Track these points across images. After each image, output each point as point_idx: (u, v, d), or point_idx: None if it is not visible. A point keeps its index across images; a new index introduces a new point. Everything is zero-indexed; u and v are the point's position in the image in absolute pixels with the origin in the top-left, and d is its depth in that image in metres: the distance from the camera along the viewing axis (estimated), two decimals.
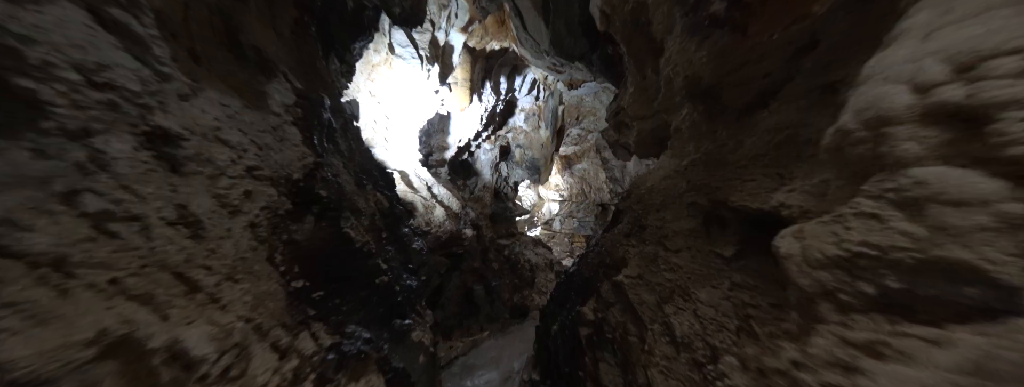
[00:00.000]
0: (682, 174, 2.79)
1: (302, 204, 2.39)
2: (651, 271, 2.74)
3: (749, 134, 2.12)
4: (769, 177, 1.88)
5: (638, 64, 3.72)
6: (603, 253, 3.59)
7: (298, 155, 2.29)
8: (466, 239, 7.73)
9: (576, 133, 15.63)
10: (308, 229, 2.43)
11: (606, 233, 4.33)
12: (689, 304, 2.26)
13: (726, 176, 2.21)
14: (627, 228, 3.26)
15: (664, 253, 2.66)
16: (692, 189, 2.53)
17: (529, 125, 12.44)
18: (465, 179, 11.97)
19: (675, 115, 3.08)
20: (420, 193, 8.23)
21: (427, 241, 6.95)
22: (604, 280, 3.23)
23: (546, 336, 4.17)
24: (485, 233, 9.98)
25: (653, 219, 2.88)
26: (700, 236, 2.39)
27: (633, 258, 2.97)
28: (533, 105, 11.86)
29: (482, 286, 7.16)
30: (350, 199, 3.03)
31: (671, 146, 3.19)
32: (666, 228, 2.70)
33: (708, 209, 2.32)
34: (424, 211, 8.00)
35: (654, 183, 3.16)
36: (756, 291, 1.82)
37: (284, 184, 2.21)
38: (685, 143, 2.98)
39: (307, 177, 2.37)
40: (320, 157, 2.53)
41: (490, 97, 9.93)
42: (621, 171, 16.97)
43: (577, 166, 18.12)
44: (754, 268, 1.90)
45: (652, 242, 2.82)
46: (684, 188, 2.64)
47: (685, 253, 2.47)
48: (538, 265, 9.04)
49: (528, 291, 7.95)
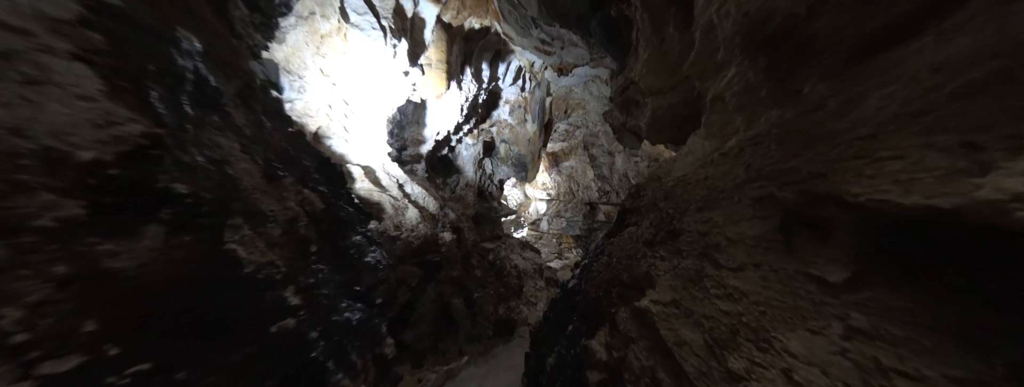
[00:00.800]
0: (734, 158, 1.94)
1: (128, 208, 1.38)
2: (694, 297, 1.87)
3: (878, 84, 1.29)
4: (942, 151, 1.02)
5: (655, 23, 2.88)
6: (615, 266, 2.72)
7: (99, 119, 1.26)
8: (444, 245, 6.73)
9: (564, 128, 14.87)
10: (145, 251, 1.41)
11: (612, 238, 3.46)
12: (770, 356, 1.40)
13: (830, 156, 1.35)
14: (649, 233, 2.40)
15: (714, 271, 1.79)
16: (758, 178, 1.68)
17: (515, 118, 11.54)
18: (445, 177, 10.94)
19: (714, 80, 2.24)
20: (389, 192, 7.16)
21: (395, 249, 5.91)
22: (620, 305, 2.37)
23: (539, 371, 3.27)
24: (467, 236, 9.01)
25: (692, 222, 2.03)
26: (776, 248, 1.54)
27: (663, 276, 2.11)
28: (519, 96, 10.96)
29: (462, 299, 6.18)
30: (247, 199, 2.01)
31: (706, 123, 2.36)
32: (715, 235, 1.84)
33: (793, 207, 1.46)
34: (394, 213, 6.93)
35: (687, 172, 2.31)
36: (910, 349, 0.99)
37: (68, 172, 1.19)
38: (730, 116, 2.14)
39: (129, 160, 1.35)
40: (165, 128, 1.50)
41: (471, 85, 8.94)
42: (609, 169, 16.35)
43: (565, 163, 17.40)
44: (900, 307, 1.06)
45: (693, 254, 1.96)
46: (741, 177, 1.79)
47: (751, 273, 1.61)
48: (526, 271, 8.12)
49: (515, 302, 7.03)
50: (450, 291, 6.35)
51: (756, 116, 1.89)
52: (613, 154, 14.88)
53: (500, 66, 9.87)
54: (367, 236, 3.81)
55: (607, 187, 15.88)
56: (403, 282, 5.68)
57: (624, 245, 2.96)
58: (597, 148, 15.29)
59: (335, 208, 3.11)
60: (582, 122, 12.66)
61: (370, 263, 3.45)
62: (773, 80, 1.83)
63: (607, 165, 15.38)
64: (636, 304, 2.24)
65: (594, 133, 14.71)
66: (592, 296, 2.88)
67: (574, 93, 9.99)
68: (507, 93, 10.80)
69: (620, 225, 3.53)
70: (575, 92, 9.84)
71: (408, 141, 9.71)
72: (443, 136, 9.64)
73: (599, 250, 3.67)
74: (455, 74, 8.16)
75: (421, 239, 6.33)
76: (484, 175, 12.32)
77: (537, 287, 7.49)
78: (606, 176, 15.81)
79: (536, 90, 10.74)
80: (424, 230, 6.94)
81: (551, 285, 7.93)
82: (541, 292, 7.35)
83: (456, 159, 11.37)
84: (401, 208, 7.21)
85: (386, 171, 7.44)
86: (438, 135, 9.62)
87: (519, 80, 10.37)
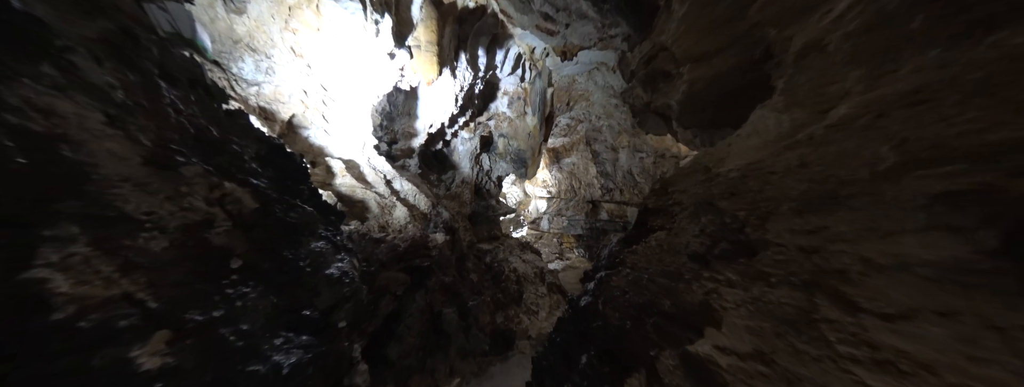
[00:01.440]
0: (861, 132, 1.24)
1: None
2: (799, 353, 1.18)
3: None
4: None
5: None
6: (648, 286, 2.02)
7: None
8: (435, 247, 6.04)
9: (565, 122, 14.13)
10: None
11: (632, 245, 2.76)
12: None
13: None
14: (700, 244, 1.69)
15: (842, 315, 1.10)
16: (933, 161, 0.98)
17: (513, 111, 10.82)
18: (440, 174, 10.24)
19: (807, 20, 1.54)
20: (375, 188, 6.45)
21: (379, 253, 5.21)
22: (663, 345, 1.67)
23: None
24: (462, 237, 8.32)
25: (784, 231, 1.34)
26: (994, 285, 0.85)
27: (734, 311, 1.42)
28: (518, 87, 10.23)
29: (454, 308, 5.49)
30: (100, 196, 1.30)
31: (787, 88, 1.65)
32: (838, 255, 1.14)
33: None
34: (379, 211, 6.23)
35: (759, 158, 1.61)
36: None
37: None
38: (836, 71, 1.44)
39: None
40: None
41: (466, 73, 8.20)
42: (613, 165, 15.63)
43: (566, 160, 16.67)
44: None
45: (790, 282, 1.27)
46: (889, 160, 1.09)
47: (934, 327, 0.92)
48: (526, 275, 7.41)
49: (514, 310, 6.33)
50: (441, 300, 5.66)
51: (897, 64, 1.19)
52: (617, 150, 14.17)
53: (498, 53, 9.12)
54: (334, 241, 3.10)
55: (610, 185, 15.18)
56: (387, 290, 4.99)
57: (655, 257, 2.25)
58: (600, 143, 14.56)
59: (281, 208, 2.40)
60: (585, 115, 11.94)
61: (333, 276, 2.74)
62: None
63: (611, 161, 14.67)
64: (689, 348, 1.54)
65: (597, 127, 13.99)
66: (615, 324, 2.18)
67: (577, 83, 9.25)
68: (505, 84, 10.06)
69: (642, 229, 2.82)
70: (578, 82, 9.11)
71: (399, 134, 8.97)
72: (437, 129, 8.91)
73: (616, 259, 2.97)
74: (448, 59, 7.42)
75: (408, 241, 5.63)
76: (481, 171, 11.62)
77: (539, 294, 6.77)
78: (609, 173, 15.10)
79: (536, 80, 10.00)
80: (413, 231, 6.24)
81: (554, 291, 7.21)
82: (543, 299, 6.63)
83: (451, 154, 10.65)
84: (388, 206, 6.51)
85: (372, 166, 6.72)
86: (431, 128, 8.89)
87: (518, 69, 9.63)
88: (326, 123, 5.97)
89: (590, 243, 15.79)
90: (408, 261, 5.57)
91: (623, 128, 10.60)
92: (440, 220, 7.12)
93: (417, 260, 5.68)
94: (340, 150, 6.28)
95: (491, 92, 10.10)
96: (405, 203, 6.89)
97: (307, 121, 5.76)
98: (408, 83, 6.72)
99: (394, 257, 5.37)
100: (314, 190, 3.21)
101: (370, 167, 6.60)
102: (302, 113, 5.54)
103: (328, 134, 6.04)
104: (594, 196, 15.88)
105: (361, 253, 4.86)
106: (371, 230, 5.49)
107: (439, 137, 9.58)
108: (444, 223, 7.08)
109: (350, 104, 6.09)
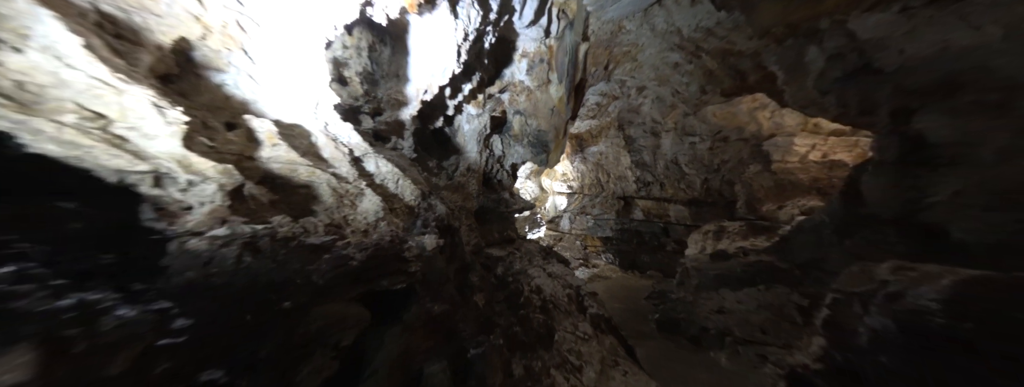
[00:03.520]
0: None
1: None
2: None
3: None
4: None
5: None
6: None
7: None
8: (417, 258, 3.82)
9: (594, 100, 11.65)
10: None
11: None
12: None
13: None
14: None
15: None
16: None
17: (534, 79, 8.47)
18: (440, 159, 8.02)
19: None
20: (333, 168, 4.29)
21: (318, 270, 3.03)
22: None
23: None
24: (465, 239, 6.10)
25: None
26: None
27: None
28: (541, 45, 7.89)
29: (444, 363, 3.28)
30: None
31: None
32: None
33: None
34: (334, 202, 4.06)
35: None
36: None
37: None
38: None
39: None
40: None
41: (472, 11, 5.95)
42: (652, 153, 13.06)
43: (591, 149, 14.21)
44: None
45: None
46: None
47: None
48: (556, 300, 4.99)
49: (541, 360, 3.93)
50: (425, 346, 3.44)
51: None
52: (658, 134, 11.59)
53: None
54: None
55: (649, 177, 12.63)
56: (321, 340, 2.81)
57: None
58: (637, 127, 12.01)
59: None
60: (631, 79, 9.36)
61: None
62: None
63: (650, 149, 12.12)
64: None
65: (634, 107, 11.45)
66: None
67: (624, 33, 6.81)
68: (524, 39, 7.75)
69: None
70: (627, 30, 6.68)
71: (383, 102, 6.82)
72: (433, 95, 6.72)
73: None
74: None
75: (372, 249, 3.42)
76: (492, 157, 9.31)
77: (578, 333, 4.21)
78: (647, 163, 12.55)
79: (566, 33, 7.63)
80: (386, 232, 4.05)
81: (604, 330, 4.60)
82: (588, 344, 4.01)
83: (454, 135, 8.43)
84: (352, 195, 4.35)
85: (330, 135, 4.57)
86: (426, 94, 6.69)
87: (542, 17, 7.29)
88: (252, 64, 3.85)
89: (621, 247, 13.26)
90: (369, 282, 3.36)
91: (683, 97, 8.08)
92: (431, 217, 4.91)
93: (386, 280, 3.46)
94: (277, 108, 4.15)
95: (505, 51, 7.82)
96: (380, 190, 4.70)
97: (219, 58, 3.65)
98: (383, 10, 4.51)
99: (346, 277, 3.17)
100: None
101: (327, 137, 4.45)
102: (202, 37, 3.41)
103: (255, 82, 3.91)
104: (627, 191, 13.34)
105: (275, 273, 2.68)
106: (310, 230, 3.32)
107: (438, 109, 7.37)
108: (437, 221, 4.86)
109: (289, 37, 3.94)
